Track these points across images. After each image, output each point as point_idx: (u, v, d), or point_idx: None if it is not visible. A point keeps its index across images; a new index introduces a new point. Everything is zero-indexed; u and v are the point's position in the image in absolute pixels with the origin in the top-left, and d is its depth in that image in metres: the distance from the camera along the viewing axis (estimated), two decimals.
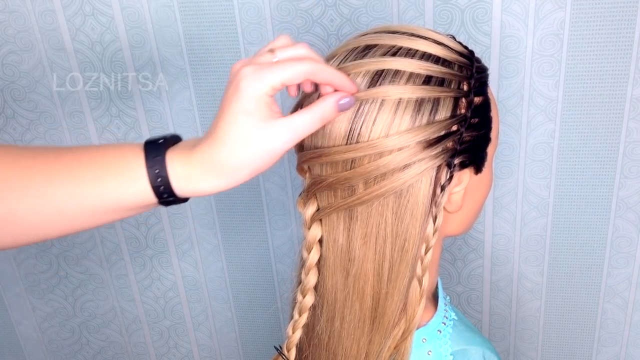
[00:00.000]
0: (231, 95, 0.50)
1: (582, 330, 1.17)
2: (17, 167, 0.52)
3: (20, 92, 1.08)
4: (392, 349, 0.59)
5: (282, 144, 0.50)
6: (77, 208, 0.52)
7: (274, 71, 0.48)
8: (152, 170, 0.51)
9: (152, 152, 0.52)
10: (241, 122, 0.49)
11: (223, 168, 0.50)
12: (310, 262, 0.59)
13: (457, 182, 0.57)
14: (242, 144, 0.49)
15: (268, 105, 0.49)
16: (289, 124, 0.50)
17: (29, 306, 1.31)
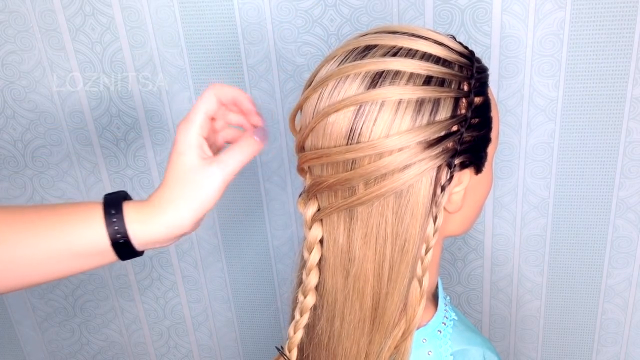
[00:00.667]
0: (172, 148, 0.58)
1: (582, 330, 1.17)
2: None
3: (20, 92, 1.08)
4: (392, 349, 0.59)
5: (215, 180, 0.56)
6: (38, 258, 0.55)
7: (194, 109, 0.57)
8: (109, 219, 0.56)
9: (110, 201, 0.57)
10: (179, 164, 0.56)
11: (167, 206, 0.56)
12: (311, 262, 0.59)
13: (458, 183, 0.57)
14: (180, 184, 0.56)
15: (199, 146, 0.57)
16: (217, 164, 0.56)
17: (29, 306, 1.31)
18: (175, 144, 0.57)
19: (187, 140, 0.56)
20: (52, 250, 0.55)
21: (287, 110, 1.04)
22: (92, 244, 0.56)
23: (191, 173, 0.56)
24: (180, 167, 0.56)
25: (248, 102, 0.60)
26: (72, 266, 0.57)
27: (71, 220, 0.56)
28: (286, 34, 0.97)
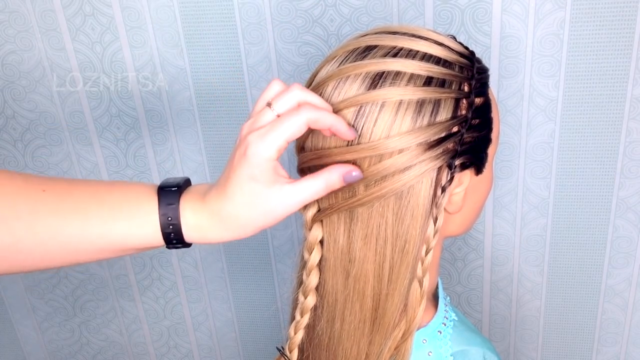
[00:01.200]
0: (239, 160, 0.51)
1: (582, 330, 1.17)
2: (25, 197, 0.52)
3: (20, 92, 1.08)
4: (393, 350, 0.59)
5: (286, 207, 0.52)
6: (84, 245, 0.53)
7: (277, 131, 0.50)
8: (164, 217, 0.53)
9: (166, 199, 0.54)
10: (248, 186, 0.51)
11: (229, 222, 0.53)
12: (311, 263, 0.59)
13: (458, 183, 0.57)
14: (248, 204, 0.52)
15: (274, 169, 0.51)
16: (293, 190, 0.52)
17: (29, 306, 1.31)
18: (246, 163, 0.51)
19: (262, 165, 0.50)
20: (100, 242, 0.53)
21: None
22: (144, 242, 0.54)
23: (263, 199, 0.51)
24: (251, 190, 0.51)
25: (347, 131, 0.52)
26: (114, 255, 0.55)
27: (124, 216, 0.53)
28: (286, 34, 0.97)
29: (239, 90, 1.03)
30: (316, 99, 0.52)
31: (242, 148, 0.51)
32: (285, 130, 0.50)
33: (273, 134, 0.50)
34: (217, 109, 1.05)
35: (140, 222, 0.53)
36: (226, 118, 1.06)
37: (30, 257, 0.53)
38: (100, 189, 0.55)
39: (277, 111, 0.52)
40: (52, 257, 0.53)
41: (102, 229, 0.53)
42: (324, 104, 0.52)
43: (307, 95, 0.52)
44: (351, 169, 0.52)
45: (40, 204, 0.52)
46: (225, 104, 1.05)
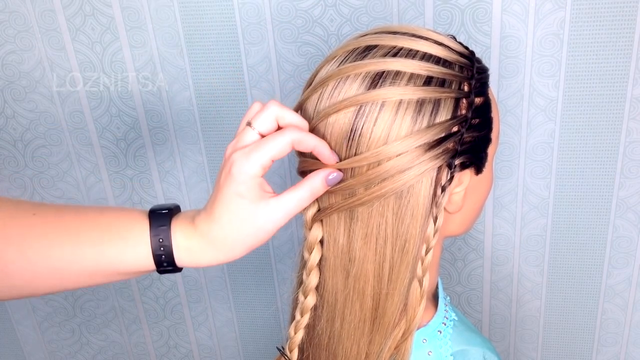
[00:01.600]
0: (224, 179, 0.52)
1: (582, 330, 1.17)
2: (16, 222, 0.52)
3: (20, 92, 1.08)
4: (393, 350, 0.59)
5: (274, 222, 0.53)
6: (75, 269, 0.53)
7: (261, 150, 0.51)
8: (156, 238, 0.53)
9: (158, 221, 0.54)
10: (234, 204, 0.52)
11: (219, 243, 0.53)
12: (311, 262, 0.59)
13: (458, 183, 0.57)
14: (236, 224, 0.52)
15: (260, 186, 0.52)
16: (279, 203, 0.52)
17: (29, 306, 1.31)
18: (231, 181, 0.51)
19: (247, 182, 0.51)
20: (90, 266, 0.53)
21: None
22: (135, 266, 0.53)
23: (250, 216, 0.52)
24: (237, 208, 0.52)
25: (330, 155, 0.54)
26: (105, 280, 0.55)
27: (116, 240, 0.53)
28: (286, 34, 0.97)
29: (239, 90, 1.03)
30: (293, 116, 0.53)
31: (227, 167, 0.52)
32: (269, 149, 0.51)
33: (257, 152, 0.51)
34: (217, 109, 1.05)
35: (132, 244, 0.53)
36: (226, 118, 1.06)
37: (21, 281, 0.52)
38: (91, 213, 0.55)
39: (257, 129, 0.52)
40: (42, 281, 0.53)
41: (93, 252, 0.52)
42: (301, 122, 0.53)
43: (284, 111, 0.53)
44: (330, 171, 0.53)
45: (30, 228, 0.52)
46: (225, 104, 1.05)
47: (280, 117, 0.53)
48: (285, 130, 0.52)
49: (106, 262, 0.53)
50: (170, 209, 0.55)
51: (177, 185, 1.13)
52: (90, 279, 0.54)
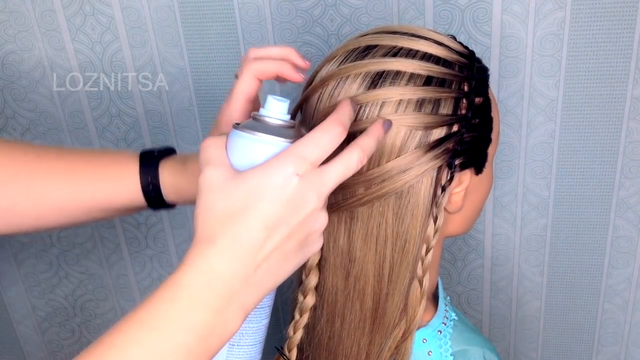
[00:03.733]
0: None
1: (582, 330, 1.17)
2: (22, 163, 0.57)
3: (20, 92, 1.08)
4: (393, 350, 0.59)
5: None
6: (74, 205, 0.58)
7: (234, 93, 0.61)
8: (145, 177, 0.58)
9: (146, 161, 0.58)
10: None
11: None
12: (310, 262, 0.59)
13: (458, 183, 0.57)
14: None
15: None
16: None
17: (29, 306, 1.31)
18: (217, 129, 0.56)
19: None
20: (88, 203, 0.58)
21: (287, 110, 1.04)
22: (129, 201, 0.58)
23: None
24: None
25: (301, 61, 0.58)
26: (102, 215, 0.60)
27: (110, 178, 0.58)
28: (286, 34, 0.97)
29: None
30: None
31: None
32: (237, 90, 0.60)
33: (232, 99, 0.60)
34: (217, 109, 1.05)
35: (125, 182, 0.58)
36: None
37: (26, 218, 0.58)
38: (89, 154, 0.60)
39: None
40: (45, 218, 0.58)
41: (91, 189, 0.57)
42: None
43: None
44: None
45: (34, 170, 0.57)
46: None
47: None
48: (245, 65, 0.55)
49: (102, 198, 0.58)
50: (160, 151, 0.60)
51: None
52: (89, 214, 0.59)
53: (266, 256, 0.43)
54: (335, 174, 0.45)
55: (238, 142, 0.46)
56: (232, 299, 0.42)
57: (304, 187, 0.43)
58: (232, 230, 0.42)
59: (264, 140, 0.45)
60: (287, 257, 0.45)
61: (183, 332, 0.41)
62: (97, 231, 1.20)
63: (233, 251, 0.42)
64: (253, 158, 0.45)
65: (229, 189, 0.43)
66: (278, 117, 0.48)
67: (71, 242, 1.22)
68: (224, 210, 0.43)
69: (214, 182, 0.44)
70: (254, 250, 0.42)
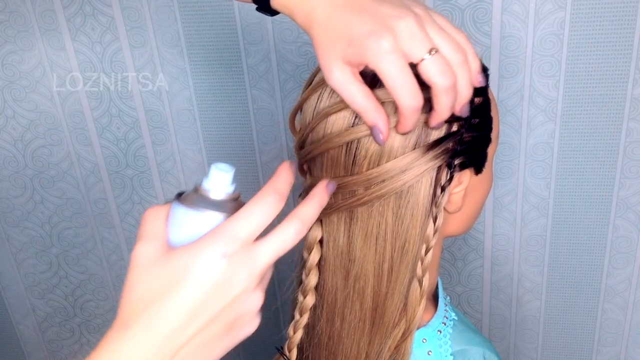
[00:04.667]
0: None
1: (582, 330, 1.17)
2: None
3: (20, 92, 1.08)
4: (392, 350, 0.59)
5: None
6: None
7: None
8: None
9: None
10: None
11: None
12: (310, 262, 0.59)
13: (458, 183, 0.56)
14: None
15: None
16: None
17: (29, 306, 1.31)
18: None
19: None
20: None
21: (287, 110, 1.04)
22: None
23: None
24: None
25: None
26: None
27: None
28: (286, 34, 0.97)
29: (239, 90, 1.03)
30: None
31: None
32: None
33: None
34: (217, 109, 1.05)
35: None
36: (226, 118, 1.06)
37: None
38: None
39: None
40: None
41: None
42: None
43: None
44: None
45: None
46: (225, 104, 1.05)
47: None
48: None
49: None
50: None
51: (177, 185, 1.13)
52: None
53: (185, 342, 0.40)
54: (269, 252, 0.43)
55: (176, 215, 0.44)
56: None
57: (232, 268, 0.41)
58: (148, 316, 0.40)
59: (201, 214, 0.43)
60: (212, 341, 0.42)
61: None
62: (97, 231, 1.20)
63: (147, 338, 0.39)
64: (190, 232, 0.43)
65: (155, 268, 0.41)
66: (220, 190, 0.45)
67: (71, 242, 1.22)
68: (144, 293, 0.40)
69: (142, 259, 0.42)
70: (171, 337, 0.40)
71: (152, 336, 0.40)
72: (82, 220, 1.19)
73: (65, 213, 1.19)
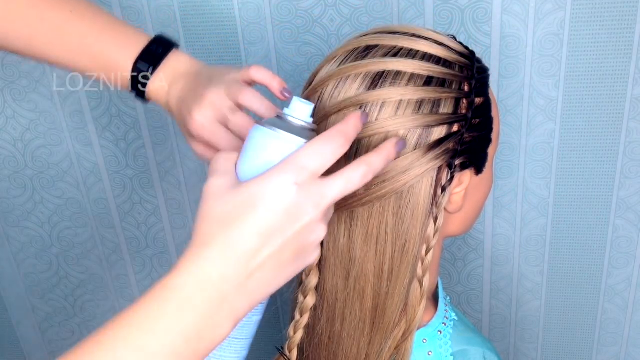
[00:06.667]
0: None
1: (582, 330, 1.17)
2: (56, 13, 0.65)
3: (20, 92, 1.08)
4: (393, 350, 0.59)
5: None
6: (70, 29, 0.65)
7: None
8: (141, 63, 0.66)
9: (151, 51, 0.67)
10: None
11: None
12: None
13: (458, 183, 0.57)
14: None
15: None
16: None
17: (29, 306, 1.31)
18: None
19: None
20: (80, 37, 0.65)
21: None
22: (118, 65, 0.67)
23: None
24: None
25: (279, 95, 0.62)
26: (92, 63, 0.66)
27: (116, 37, 0.66)
28: (286, 34, 0.97)
29: None
30: None
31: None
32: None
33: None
34: None
35: (126, 44, 0.66)
36: None
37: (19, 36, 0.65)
38: (105, 22, 0.67)
39: None
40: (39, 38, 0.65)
41: (95, 41, 0.65)
42: None
43: None
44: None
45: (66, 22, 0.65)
46: None
47: None
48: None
49: (100, 48, 0.65)
50: (173, 45, 0.66)
51: (177, 185, 1.13)
52: (77, 53, 0.66)
53: (260, 264, 0.43)
54: (336, 188, 0.45)
55: (255, 137, 0.46)
56: (222, 303, 0.42)
57: (302, 197, 0.43)
58: (226, 236, 0.42)
59: (283, 137, 0.45)
60: (281, 266, 0.44)
61: (171, 334, 0.40)
62: (97, 231, 1.20)
63: (225, 256, 0.42)
64: (271, 155, 0.45)
65: (229, 196, 0.43)
66: (301, 119, 0.47)
67: (71, 242, 1.22)
68: (221, 215, 0.43)
69: (215, 190, 0.44)
70: (247, 257, 0.42)
71: (230, 254, 0.42)
72: (82, 220, 1.19)
73: (65, 213, 1.19)
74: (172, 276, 0.42)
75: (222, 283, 0.42)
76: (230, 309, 0.42)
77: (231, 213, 0.42)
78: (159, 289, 0.42)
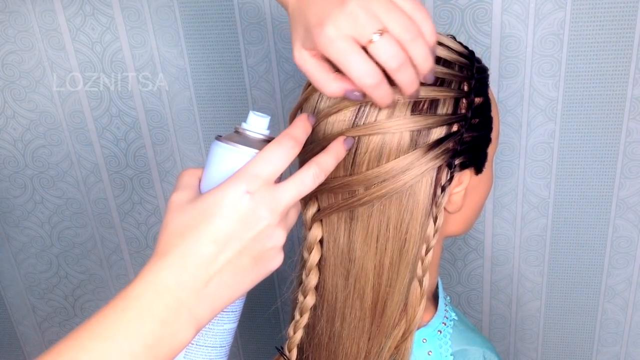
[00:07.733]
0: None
1: (582, 330, 1.17)
2: None
3: (20, 92, 1.08)
4: (393, 350, 0.59)
5: None
6: None
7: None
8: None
9: None
10: None
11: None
12: (311, 262, 0.59)
13: (458, 183, 0.57)
14: None
15: None
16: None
17: (29, 306, 1.31)
18: None
19: None
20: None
21: (287, 110, 1.04)
22: None
23: None
24: None
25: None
26: None
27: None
28: (286, 34, 0.97)
29: (239, 90, 1.03)
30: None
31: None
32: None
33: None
34: (217, 109, 1.05)
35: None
36: (226, 118, 1.06)
37: None
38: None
39: None
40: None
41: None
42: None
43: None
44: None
45: None
46: (225, 104, 1.05)
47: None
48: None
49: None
50: None
51: None
52: None
53: (218, 270, 0.45)
54: (289, 192, 0.47)
55: (215, 152, 0.49)
56: (181, 310, 0.43)
57: (255, 204, 0.45)
58: (184, 245, 0.44)
59: (238, 150, 0.48)
60: (241, 272, 0.46)
61: (131, 341, 0.42)
62: (97, 231, 1.20)
63: (183, 264, 0.44)
64: (228, 168, 0.48)
65: (187, 208, 0.46)
66: (257, 131, 0.50)
67: (71, 242, 1.22)
68: (180, 226, 0.45)
69: (177, 203, 0.47)
70: (205, 264, 0.44)
71: (187, 263, 0.44)
72: (82, 220, 1.19)
73: (65, 213, 1.19)
74: (132, 286, 0.44)
75: (180, 290, 0.43)
76: (190, 315, 0.44)
77: (189, 223, 0.45)
78: (120, 299, 0.43)
